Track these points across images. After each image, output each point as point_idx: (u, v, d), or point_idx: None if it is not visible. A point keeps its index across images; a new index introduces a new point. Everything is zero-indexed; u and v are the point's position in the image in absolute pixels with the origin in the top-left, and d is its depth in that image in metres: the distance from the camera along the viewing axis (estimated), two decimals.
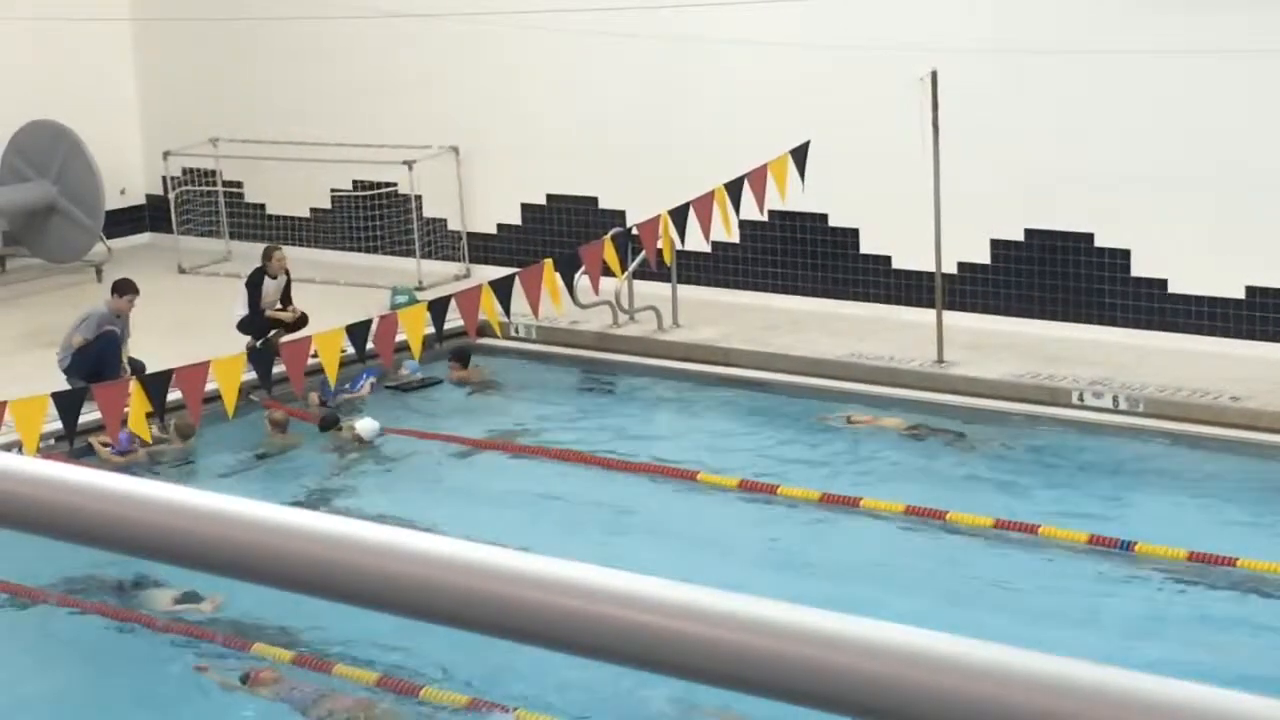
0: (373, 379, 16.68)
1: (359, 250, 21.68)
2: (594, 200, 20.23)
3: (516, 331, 18.20)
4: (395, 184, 21.22)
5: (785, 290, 19.01)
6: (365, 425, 15.63)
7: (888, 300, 18.40)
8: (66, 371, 15.98)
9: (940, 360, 16.51)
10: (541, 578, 1.80)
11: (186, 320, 18.86)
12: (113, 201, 22.20)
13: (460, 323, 15.52)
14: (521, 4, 19.82)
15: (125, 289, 16.65)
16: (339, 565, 1.91)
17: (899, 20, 17.60)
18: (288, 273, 17.89)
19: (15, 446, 13.21)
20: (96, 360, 15.95)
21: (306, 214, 22.31)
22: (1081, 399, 15.67)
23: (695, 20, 18.72)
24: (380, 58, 21.39)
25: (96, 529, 2.02)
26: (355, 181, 21.75)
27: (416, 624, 1.96)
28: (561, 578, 1.80)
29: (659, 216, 16.74)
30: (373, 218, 21.59)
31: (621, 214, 19.58)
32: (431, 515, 13.76)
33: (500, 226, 21.02)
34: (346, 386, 16.30)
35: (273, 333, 17.25)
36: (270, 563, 1.95)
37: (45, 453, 13.92)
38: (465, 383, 17.48)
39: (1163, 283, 16.99)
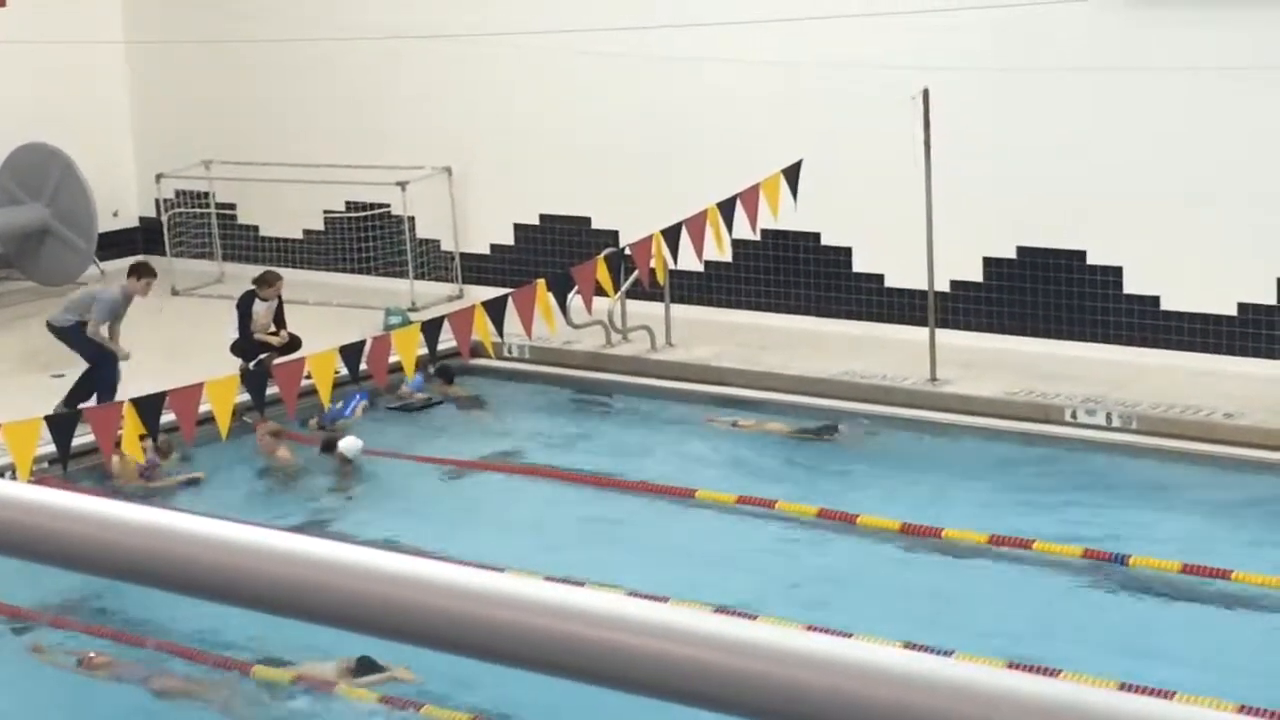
0: (364, 401, 16.65)
1: (352, 271, 21.68)
2: (587, 220, 20.24)
3: (510, 352, 18.20)
4: (388, 205, 21.21)
5: (778, 309, 19.02)
6: (348, 444, 15.63)
7: (880, 318, 18.41)
8: (62, 331, 16.05)
9: (933, 378, 16.52)
10: (524, 600, 1.80)
11: (180, 342, 18.84)
12: (106, 224, 22.19)
13: (453, 343, 15.52)
14: (514, 25, 19.84)
15: (144, 272, 16.63)
16: (327, 589, 1.91)
17: (891, 39, 17.62)
18: (280, 296, 17.86)
19: (9, 470, 13.22)
20: (97, 363, 16.09)
21: (299, 235, 22.31)
22: (1075, 416, 15.68)
23: (688, 40, 18.75)
24: (373, 79, 21.40)
25: (80, 553, 2.02)
26: (348, 203, 21.75)
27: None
28: (544, 600, 1.80)
29: (652, 236, 16.73)
30: (366, 239, 21.59)
31: (614, 234, 19.59)
32: (422, 537, 13.73)
33: (493, 247, 21.02)
34: (338, 406, 16.23)
35: (264, 355, 17.21)
36: (259, 586, 1.95)
37: (39, 475, 13.93)
38: (448, 398, 17.53)
39: (1155, 299, 17.01)
